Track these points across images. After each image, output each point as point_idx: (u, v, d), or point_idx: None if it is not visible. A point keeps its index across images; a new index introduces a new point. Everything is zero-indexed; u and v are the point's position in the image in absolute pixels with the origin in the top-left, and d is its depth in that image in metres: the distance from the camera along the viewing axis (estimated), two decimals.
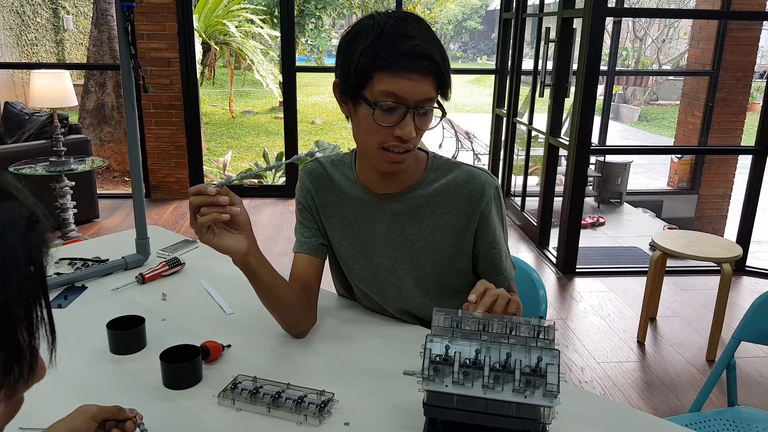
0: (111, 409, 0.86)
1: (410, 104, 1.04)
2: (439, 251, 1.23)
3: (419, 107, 1.04)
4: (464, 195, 1.20)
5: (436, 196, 1.21)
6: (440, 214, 1.21)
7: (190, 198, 0.98)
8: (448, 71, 1.06)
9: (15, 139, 4.35)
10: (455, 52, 29.58)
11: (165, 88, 4.93)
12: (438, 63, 1.03)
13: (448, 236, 1.22)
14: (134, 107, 1.49)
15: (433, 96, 1.05)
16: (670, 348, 2.90)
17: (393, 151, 1.07)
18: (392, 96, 1.03)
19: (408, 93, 1.03)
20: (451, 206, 1.20)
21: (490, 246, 1.23)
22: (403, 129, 1.04)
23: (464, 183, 1.20)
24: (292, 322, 1.22)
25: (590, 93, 3.39)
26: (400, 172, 1.18)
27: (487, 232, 1.22)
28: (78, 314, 1.34)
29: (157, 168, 5.15)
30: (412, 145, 1.08)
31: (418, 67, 1.01)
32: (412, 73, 1.01)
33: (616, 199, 5.44)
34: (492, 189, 1.20)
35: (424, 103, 1.04)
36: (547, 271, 3.85)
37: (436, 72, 1.03)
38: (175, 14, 4.77)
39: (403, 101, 1.03)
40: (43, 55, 10.82)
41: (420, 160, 1.23)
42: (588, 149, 3.51)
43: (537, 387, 0.85)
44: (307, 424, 0.97)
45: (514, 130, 4.91)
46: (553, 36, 3.87)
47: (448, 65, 1.06)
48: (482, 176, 1.21)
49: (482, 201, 1.19)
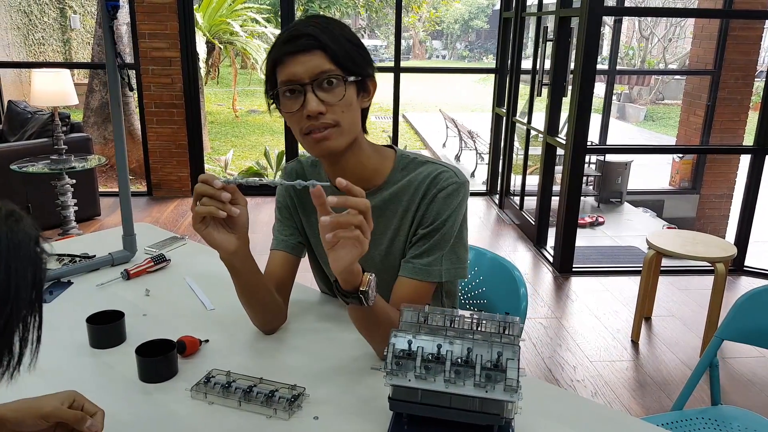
0: (69, 415, 0.85)
1: (305, 81, 1.06)
2: (404, 249, 1.23)
3: (315, 81, 1.06)
4: (423, 191, 1.19)
5: (398, 194, 1.21)
6: (402, 212, 1.21)
7: (197, 185, 1.00)
8: (340, 43, 1.07)
9: (18, 137, 4.40)
10: (462, 51, 29.57)
11: (166, 87, 4.96)
12: (316, 36, 1.05)
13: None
14: (119, 104, 1.51)
15: (327, 68, 1.06)
16: (663, 347, 2.90)
17: (313, 132, 1.09)
18: (289, 81, 1.07)
19: (298, 73, 1.06)
20: (412, 203, 1.20)
21: (424, 234, 1.18)
22: (306, 106, 1.06)
23: (424, 179, 1.19)
24: (265, 320, 1.24)
25: (587, 92, 3.39)
26: (359, 168, 1.18)
27: (424, 217, 1.18)
28: (62, 309, 1.35)
29: (158, 166, 5.18)
30: (330, 120, 1.08)
31: (298, 45, 1.05)
32: (296, 54, 1.05)
33: (617, 199, 5.43)
34: (449, 184, 1.17)
35: (318, 76, 1.06)
36: (544, 271, 3.85)
37: (320, 45, 1.05)
38: (176, 14, 4.80)
39: (298, 81, 1.06)
40: (51, 54, 10.90)
41: (387, 160, 1.23)
42: (584, 148, 3.51)
43: (498, 382, 0.86)
44: (276, 417, 0.99)
45: (513, 129, 4.91)
46: (551, 35, 3.87)
47: (339, 38, 1.07)
48: (446, 173, 1.18)
49: (431, 190, 1.17)
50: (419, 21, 23.07)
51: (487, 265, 1.60)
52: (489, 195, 5.51)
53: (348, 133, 1.12)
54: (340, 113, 1.09)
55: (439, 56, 30.18)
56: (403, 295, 1.17)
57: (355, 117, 1.13)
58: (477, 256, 1.61)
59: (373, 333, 1.10)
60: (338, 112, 1.08)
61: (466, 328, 0.94)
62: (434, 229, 1.17)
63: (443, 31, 29.77)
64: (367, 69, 1.12)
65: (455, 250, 1.20)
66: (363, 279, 1.00)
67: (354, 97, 1.11)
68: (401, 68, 4.97)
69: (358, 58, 1.10)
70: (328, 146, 1.10)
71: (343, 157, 1.16)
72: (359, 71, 1.10)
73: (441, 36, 30.60)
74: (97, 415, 0.89)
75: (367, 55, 1.13)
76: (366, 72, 1.12)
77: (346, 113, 1.10)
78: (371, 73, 1.14)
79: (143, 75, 4.92)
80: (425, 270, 1.17)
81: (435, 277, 1.18)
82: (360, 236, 0.92)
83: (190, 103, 5.04)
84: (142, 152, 5.23)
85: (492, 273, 1.59)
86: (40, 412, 0.85)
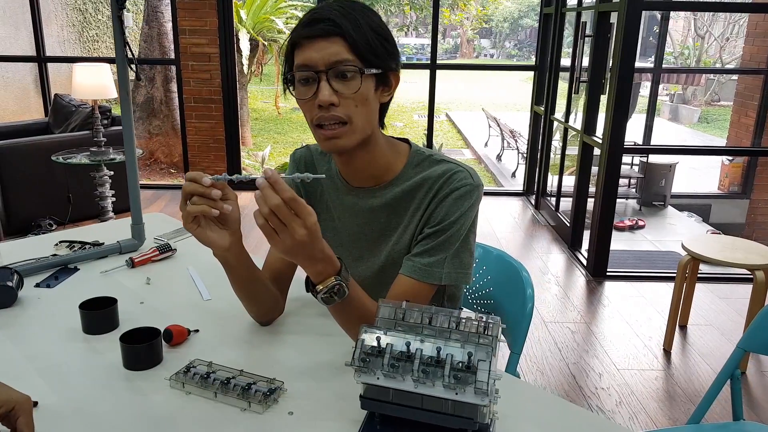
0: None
1: (321, 68, 1.01)
2: (410, 247, 1.20)
3: (331, 69, 1.01)
4: (435, 189, 1.15)
5: (410, 191, 1.17)
6: (414, 210, 1.18)
7: (185, 184, 0.98)
8: (362, 31, 1.01)
9: (62, 129, 4.55)
10: (510, 50, 29.15)
11: (205, 82, 5.05)
12: (337, 22, 1.00)
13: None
14: (128, 93, 1.52)
15: (344, 57, 1.01)
16: (698, 358, 2.77)
17: (324, 125, 1.05)
18: (304, 66, 1.02)
19: (314, 58, 1.01)
20: (424, 201, 1.16)
21: (430, 233, 1.14)
22: (318, 95, 1.02)
23: (438, 177, 1.14)
24: (261, 312, 1.23)
25: (624, 90, 3.26)
26: (370, 165, 1.15)
27: (432, 216, 1.13)
28: (63, 294, 1.37)
29: (197, 160, 5.28)
30: (341, 114, 1.03)
31: (317, 30, 1.00)
32: (315, 39, 1.01)
33: (660, 202, 5.22)
34: (463, 185, 1.12)
35: (335, 65, 1.01)
36: (577, 274, 3.73)
37: (340, 32, 1.00)
38: (216, 10, 4.87)
39: (313, 67, 1.01)
40: (104, 50, 11.27)
41: (401, 155, 1.19)
42: (621, 148, 3.38)
43: (469, 384, 0.81)
44: (250, 411, 0.97)
45: (551, 128, 4.79)
46: (590, 31, 3.75)
47: (362, 26, 1.02)
48: (461, 173, 1.13)
49: (443, 190, 1.13)
50: (467, 19, 22.85)
51: (495, 264, 1.55)
52: (525, 195, 5.40)
53: (360, 131, 1.06)
54: (354, 107, 1.04)
55: (488, 55, 29.84)
56: (398, 293, 1.13)
57: (369, 113, 1.07)
58: (484, 254, 1.56)
59: (350, 329, 1.08)
60: (351, 106, 1.03)
61: (444, 327, 0.90)
62: (441, 229, 1.12)
63: (492, 30, 29.42)
64: (388, 62, 1.06)
65: (459, 255, 1.14)
66: (325, 281, 0.98)
67: (371, 91, 1.05)
68: (437, 65, 4.92)
69: (380, 49, 1.04)
70: (336, 144, 1.07)
71: (354, 153, 1.12)
72: (379, 64, 1.04)
73: (490, 34, 30.25)
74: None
75: (392, 47, 1.07)
76: (387, 65, 1.06)
77: (360, 108, 1.04)
78: (394, 67, 1.08)
79: (183, 70, 5.02)
80: (425, 270, 1.13)
81: (435, 279, 1.13)
82: (269, 230, 0.90)
83: (228, 99, 5.11)
84: (181, 146, 5.34)
85: (499, 272, 1.54)
86: None
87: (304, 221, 0.90)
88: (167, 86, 7.00)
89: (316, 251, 0.94)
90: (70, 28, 10.19)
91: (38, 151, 4.01)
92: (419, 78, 5.00)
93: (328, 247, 0.97)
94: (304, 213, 0.90)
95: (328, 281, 0.98)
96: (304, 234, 0.90)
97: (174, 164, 7.11)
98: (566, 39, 4.87)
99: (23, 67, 6.84)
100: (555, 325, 3.06)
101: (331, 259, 0.98)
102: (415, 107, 13.66)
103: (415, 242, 1.16)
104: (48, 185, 4.13)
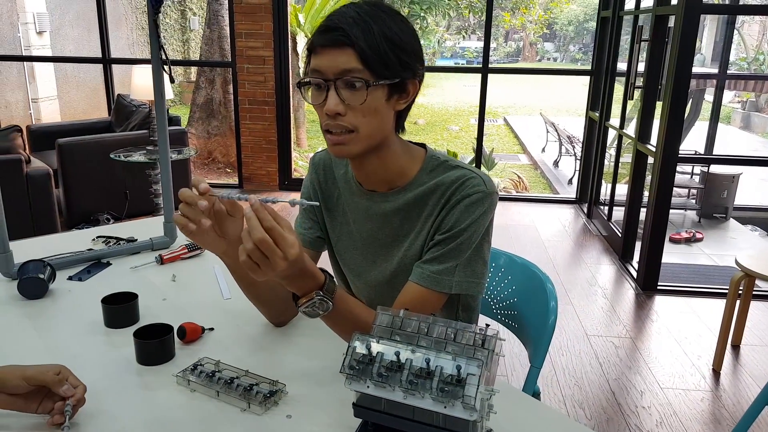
0: (47, 378, 0.90)
1: (330, 77, 1.01)
2: (421, 253, 1.18)
3: (339, 79, 1.00)
4: (448, 195, 1.13)
5: (423, 197, 1.15)
6: (426, 216, 1.16)
7: (181, 189, 0.98)
8: (374, 41, 0.99)
9: (123, 128, 4.75)
10: (575, 54, 28.46)
11: (259, 85, 5.16)
12: (348, 32, 0.98)
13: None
14: (163, 95, 1.57)
15: (353, 67, 0.99)
16: (749, 380, 2.62)
17: (332, 132, 1.05)
18: (315, 72, 1.02)
19: (325, 66, 1.00)
20: (436, 207, 1.14)
21: (440, 240, 1.12)
22: (325, 103, 1.01)
23: (451, 183, 1.12)
24: (272, 314, 1.24)
25: (679, 96, 3.13)
26: (383, 169, 1.14)
27: (443, 222, 1.12)
28: (92, 288, 1.43)
29: (249, 161, 5.40)
30: (347, 123, 1.02)
31: (328, 38, 0.99)
32: (326, 46, 1.00)
33: (721, 214, 4.98)
34: (475, 192, 1.10)
35: (343, 74, 1.00)
36: (626, 287, 3.60)
37: (350, 42, 0.98)
38: (271, 14, 4.97)
39: (323, 75, 1.01)
40: (171, 53, 11.70)
41: (416, 160, 1.18)
42: (675, 157, 3.24)
43: (458, 398, 0.79)
44: (250, 411, 0.98)
45: (606, 134, 4.65)
46: (647, 35, 3.62)
47: (375, 35, 0.99)
48: (474, 180, 1.11)
49: (455, 196, 1.11)
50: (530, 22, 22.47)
51: (520, 274, 1.51)
52: (578, 203, 5.26)
53: (366, 140, 1.06)
54: (361, 117, 1.03)
55: (551, 58, 29.25)
56: (405, 301, 1.12)
57: (378, 123, 1.05)
58: (509, 263, 1.53)
59: (344, 338, 1.08)
60: (358, 115, 1.02)
61: (441, 338, 0.88)
62: (451, 236, 1.10)
63: (556, 33, 28.81)
64: (402, 72, 1.03)
65: (471, 263, 1.12)
66: (307, 295, 0.98)
67: (380, 101, 1.03)
68: (489, 69, 4.85)
69: (392, 59, 1.01)
70: (342, 150, 1.06)
71: (366, 158, 1.11)
72: (390, 75, 1.02)
73: (554, 38, 29.64)
74: (79, 387, 0.93)
75: (408, 56, 1.04)
76: (400, 75, 1.03)
77: (368, 118, 1.03)
78: (409, 76, 1.05)
79: (239, 73, 5.15)
80: (434, 278, 1.11)
81: (444, 288, 1.11)
82: (251, 265, 0.90)
83: (281, 101, 5.21)
84: (235, 147, 5.48)
85: (524, 283, 1.50)
86: (24, 374, 0.90)
87: (285, 254, 0.89)
88: (226, 88, 7.19)
89: (295, 271, 0.93)
90: (140, 30, 10.63)
91: (99, 148, 4.20)
92: (478, 81, 4.94)
93: (310, 263, 0.96)
94: (285, 245, 0.89)
95: (309, 296, 0.98)
96: (284, 266, 0.89)
97: (230, 164, 7.30)
98: (624, 43, 4.72)
99: (94, 68, 7.19)
100: (598, 338, 2.96)
101: (313, 275, 0.97)
102: (472, 111, 13.53)
103: (426, 249, 1.14)
104: (107, 181, 4.32)
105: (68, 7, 8.33)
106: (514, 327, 1.52)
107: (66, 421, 0.88)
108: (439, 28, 19.61)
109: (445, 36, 22.57)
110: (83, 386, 0.94)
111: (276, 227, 0.88)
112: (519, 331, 1.50)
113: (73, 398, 0.90)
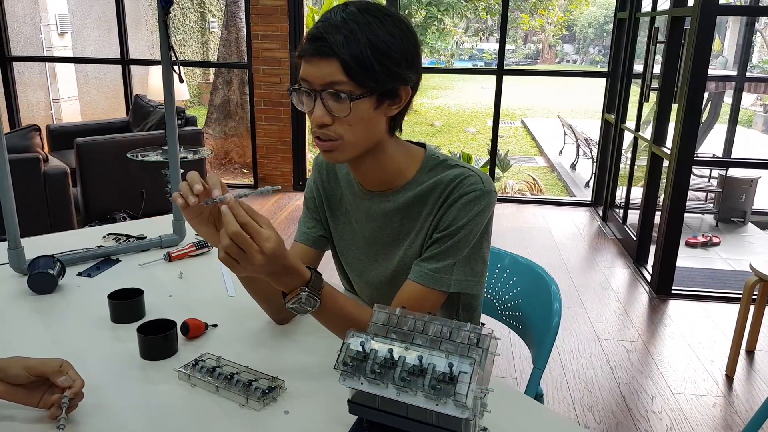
0: (47, 368, 0.92)
1: (316, 87, 1.00)
2: (421, 252, 1.19)
3: (324, 90, 1.00)
4: (446, 194, 1.13)
5: (423, 196, 1.16)
6: (426, 215, 1.17)
7: (189, 171, 1.02)
8: (359, 52, 0.97)
9: (140, 128, 4.81)
10: (595, 56, 28.23)
11: (275, 86, 5.20)
12: (331, 44, 0.97)
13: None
14: (172, 96, 1.59)
15: (337, 79, 0.98)
16: (763, 386, 2.58)
17: (321, 139, 1.05)
18: (302, 81, 1.02)
19: (310, 76, 1.00)
20: (435, 206, 1.14)
21: (438, 238, 1.12)
22: (311, 113, 1.02)
23: (450, 182, 1.13)
24: (272, 311, 1.25)
25: (695, 98, 3.09)
26: (379, 170, 1.14)
27: (441, 220, 1.12)
28: (101, 284, 1.45)
29: (264, 161, 5.44)
30: (332, 133, 1.03)
31: (313, 48, 0.99)
32: (312, 56, 0.99)
33: (739, 218, 4.90)
34: (473, 190, 1.10)
35: (327, 87, 0.99)
36: (640, 290, 3.57)
37: (335, 54, 0.97)
38: (287, 16, 5.01)
39: (309, 84, 1.01)
40: (190, 54, 11.83)
41: (414, 160, 1.18)
42: (690, 160, 3.20)
43: (450, 395, 0.80)
44: (248, 407, 0.99)
45: (621, 136, 4.61)
46: (662, 37, 3.58)
47: (360, 46, 0.97)
48: (472, 178, 1.12)
49: (453, 194, 1.11)
50: (549, 24, 22.35)
51: (525, 275, 1.51)
52: (594, 206, 5.22)
53: (353, 147, 1.06)
54: (347, 127, 1.03)
55: (570, 60, 29.04)
56: (403, 299, 1.12)
57: (365, 131, 1.05)
58: (513, 264, 1.52)
59: (337, 335, 1.09)
60: (344, 125, 1.02)
61: (436, 336, 0.88)
62: (449, 234, 1.11)
63: (576, 35, 28.59)
64: (389, 81, 1.01)
65: (470, 262, 1.13)
66: (293, 292, 0.99)
67: (367, 111, 1.02)
68: (504, 70, 4.84)
69: (377, 70, 0.98)
70: (331, 157, 1.08)
71: (361, 161, 1.12)
72: (377, 85, 1.00)
73: (573, 40, 29.42)
74: (77, 381, 0.94)
75: (396, 64, 1.01)
76: (387, 85, 1.02)
77: (354, 127, 1.03)
78: (398, 84, 1.04)
79: (255, 74, 5.19)
80: (432, 276, 1.11)
81: (442, 286, 1.11)
82: (230, 261, 0.92)
83: None
84: (251, 147, 5.52)
85: (528, 283, 1.49)
86: (25, 363, 0.93)
87: (261, 247, 0.90)
88: (242, 89, 7.25)
89: (278, 267, 0.94)
90: None
91: (116, 148, 4.26)
92: (494, 83, 4.93)
93: (294, 260, 0.97)
94: (260, 239, 0.90)
95: (295, 292, 0.99)
96: (262, 259, 0.91)
97: (246, 164, 7.36)
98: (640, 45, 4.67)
99: (114, 69, 7.29)
100: (609, 342, 2.93)
101: (299, 271, 0.98)
102: (489, 113, 13.49)
103: (425, 247, 1.15)
104: (124, 181, 4.37)
105: (90, 9, 8.47)
106: (519, 328, 1.52)
107: (63, 413, 0.90)
108: (457, 30, 19.57)
109: (463, 38, 22.52)
110: (81, 381, 0.95)
111: (250, 222, 0.90)
112: (523, 332, 1.50)
113: (70, 391, 0.92)
